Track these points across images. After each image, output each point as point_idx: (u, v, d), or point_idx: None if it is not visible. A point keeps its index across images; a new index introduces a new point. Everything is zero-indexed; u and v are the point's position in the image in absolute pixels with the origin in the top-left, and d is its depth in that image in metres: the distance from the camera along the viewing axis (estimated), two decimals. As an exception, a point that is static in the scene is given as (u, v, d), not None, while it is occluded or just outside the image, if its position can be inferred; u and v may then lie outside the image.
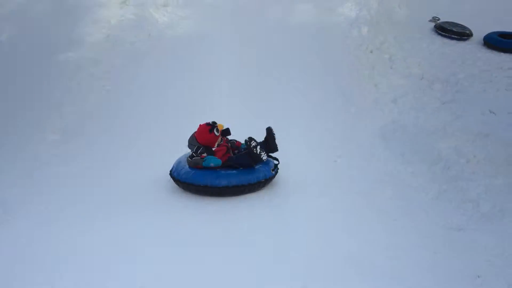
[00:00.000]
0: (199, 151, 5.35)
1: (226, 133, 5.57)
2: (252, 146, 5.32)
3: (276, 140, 5.57)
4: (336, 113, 7.08)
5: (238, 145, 5.64)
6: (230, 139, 5.63)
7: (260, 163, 5.42)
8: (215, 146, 5.42)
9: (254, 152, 5.31)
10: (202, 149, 5.35)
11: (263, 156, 5.35)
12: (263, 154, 5.35)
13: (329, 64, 7.92)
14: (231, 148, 5.56)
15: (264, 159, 5.40)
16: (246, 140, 5.38)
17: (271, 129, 5.58)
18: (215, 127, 5.38)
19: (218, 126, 5.41)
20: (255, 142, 5.35)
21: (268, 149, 5.48)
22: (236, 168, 5.37)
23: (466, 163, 5.90)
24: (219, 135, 5.43)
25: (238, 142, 5.66)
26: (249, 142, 5.34)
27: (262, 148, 5.37)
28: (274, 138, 5.54)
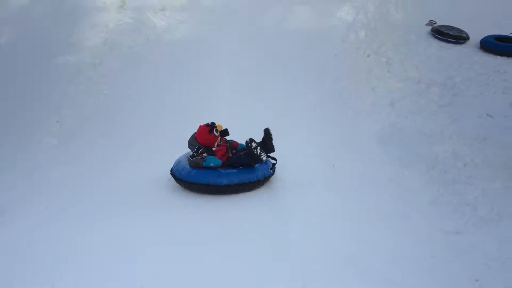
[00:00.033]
0: (200, 151, 5.42)
1: (224, 133, 5.64)
2: (253, 147, 5.44)
3: (273, 141, 5.65)
4: (333, 116, 7.07)
5: (236, 145, 5.75)
6: (228, 140, 5.71)
7: (259, 162, 5.53)
8: (215, 146, 5.51)
9: (255, 153, 5.44)
10: (203, 149, 5.43)
11: (262, 156, 5.49)
12: (263, 154, 5.49)
13: (326, 68, 7.92)
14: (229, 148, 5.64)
15: (264, 159, 5.53)
16: (247, 141, 5.50)
17: (268, 130, 5.67)
18: (215, 128, 5.46)
19: (217, 126, 5.49)
20: (255, 143, 5.47)
21: (265, 149, 5.58)
22: (236, 167, 5.47)
23: (463, 166, 5.89)
24: (218, 135, 5.50)
25: (235, 143, 5.76)
26: (250, 143, 5.46)
27: (261, 149, 5.48)
28: (271, 139, 5.66)
